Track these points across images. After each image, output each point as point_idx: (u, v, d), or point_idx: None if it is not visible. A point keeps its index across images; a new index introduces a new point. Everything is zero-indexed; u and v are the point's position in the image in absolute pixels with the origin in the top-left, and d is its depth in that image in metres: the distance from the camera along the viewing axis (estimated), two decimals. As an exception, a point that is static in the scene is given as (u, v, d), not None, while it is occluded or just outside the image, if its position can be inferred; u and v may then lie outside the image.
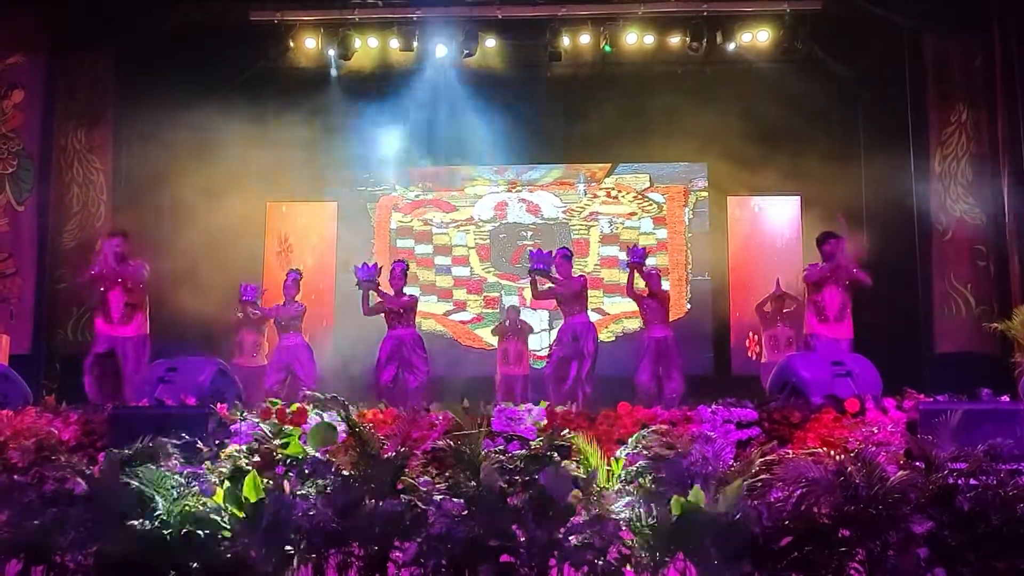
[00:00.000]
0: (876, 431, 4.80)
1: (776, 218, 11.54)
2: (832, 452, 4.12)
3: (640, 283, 8.56)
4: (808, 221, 10.86)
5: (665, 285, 11.33)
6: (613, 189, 11.84)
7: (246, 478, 3.94)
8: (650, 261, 11.32)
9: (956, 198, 9.48)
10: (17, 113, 9.50)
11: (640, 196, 11.81)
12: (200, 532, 3.79)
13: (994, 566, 3.75)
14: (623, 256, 11.65)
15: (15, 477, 4.08)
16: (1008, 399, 5.28)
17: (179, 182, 10.32)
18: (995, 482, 3.90)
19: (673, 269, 11.55)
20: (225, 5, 10.14)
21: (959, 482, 3.88)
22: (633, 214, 11.78)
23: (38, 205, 9.41)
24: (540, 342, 10.74)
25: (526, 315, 10.91)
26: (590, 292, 11.41)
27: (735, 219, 11.57)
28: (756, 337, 10.41)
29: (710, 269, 11.50)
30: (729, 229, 11.48)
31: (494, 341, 10.45)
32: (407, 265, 8.53)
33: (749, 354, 10.93)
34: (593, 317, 11.22)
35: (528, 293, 11.50)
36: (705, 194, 11.67)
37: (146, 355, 7.36)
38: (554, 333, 8.90)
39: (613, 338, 11.34)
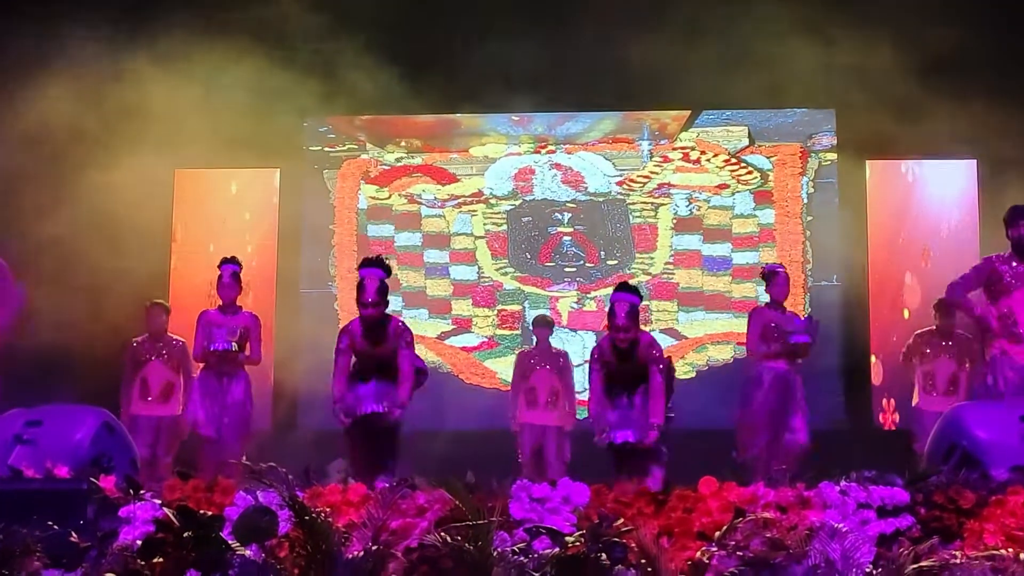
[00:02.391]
0: (1091, 522, 4.78)
1: (941, 192, 11.53)
2: (1023, 554, 4.11)
3: None
4: (988, 196, 10.85)
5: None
6: (694, 149, 11.87)
7: (143, 589, 3.99)
8: (747, 257, 11.44)
9: None
10: None
11: (734, 160, 11.83)
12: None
13: None
14: (710, 250, 11.69)
15: None
16: None
17: (45, 137, 10.42)
18: None
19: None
20: None
21: None
22: (724, 187, 11.81)
23: None
24: (584, 379, 10.74)
25: (560, 337, 10.99)
26: (659, 304, 11.61)
27: (879, 194, 11.61)
28: (892, 402, 10.25)
29: (841, 270, 11.51)
30: (869, 209, 11.53)
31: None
32: (386, 270, 7.96)
33: (881, 422, 11.00)
34: (665, 341, 11.40)
35: (564, 306, 11.68)
36: (832, 156, 11.71)
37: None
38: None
39: (693, 373, 11.39)
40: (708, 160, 11.86)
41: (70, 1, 10.13)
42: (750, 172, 11.83)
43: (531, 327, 10.68)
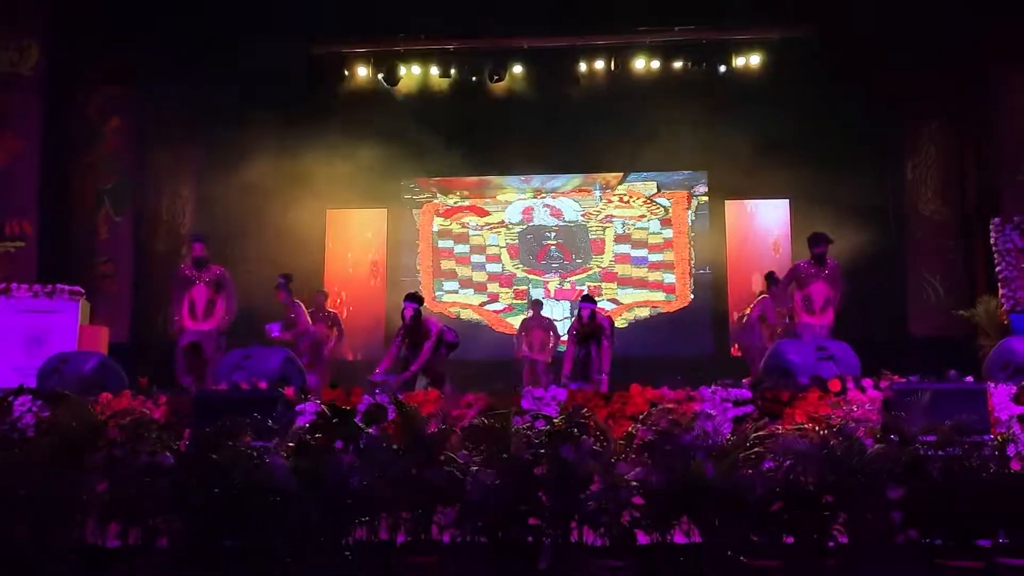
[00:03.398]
0: (856, 409, 4.71)
1: (768, 219, 11.46)
2: (817, 428, 4.09)
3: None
4: (796, 221, 10.80)
5: (670, 278, 11.40)
6: (625, 195, 11.77)
7: (310, 452, 3.99)
8: (657, 257, 11.36)
9: (926, 200, 9.37)
10: (115, 137, 9.65)
11: (649, 201, 11.74)
12: (271, 498, 3.83)
13: (960, 526, 3.72)
14: (635, 253, 11.64)
15: (115, 452, 4.12)
16: (972, 379, 5.19)
17: (251, 194, 10.44)
18: (960, 453, 3.86)
19: (678, 264, 11.52)
20: (289, 44, 10.26)
21: (929, 453, 3.85)
22: (643, 216, 11.71)
23: (133, 216, 9.56)
24: (563, 328, 10.71)
25: (549, 305, 10.96)
26: (607, 285, 11.56)
27: (732, 220, 11.50)
28: (738, 345, 10.01)
29: (710, 264, 11.43)
30: (727, 229, 11.43)
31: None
32: (419, 301, 7.22)
33: (733, 353, 10.68)
34: (608, 307, 11.33)
35: (553, 285, 11.65)
36: (706, 198, 11.59)
37: (223, 344, 7.34)
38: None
39: (627, 324, 11.31)
40: (634, 201, 11.75)
41: (259, 111, 10.02)
42: (658, 208, 11.72)
43: (530, 303, 10.53)
